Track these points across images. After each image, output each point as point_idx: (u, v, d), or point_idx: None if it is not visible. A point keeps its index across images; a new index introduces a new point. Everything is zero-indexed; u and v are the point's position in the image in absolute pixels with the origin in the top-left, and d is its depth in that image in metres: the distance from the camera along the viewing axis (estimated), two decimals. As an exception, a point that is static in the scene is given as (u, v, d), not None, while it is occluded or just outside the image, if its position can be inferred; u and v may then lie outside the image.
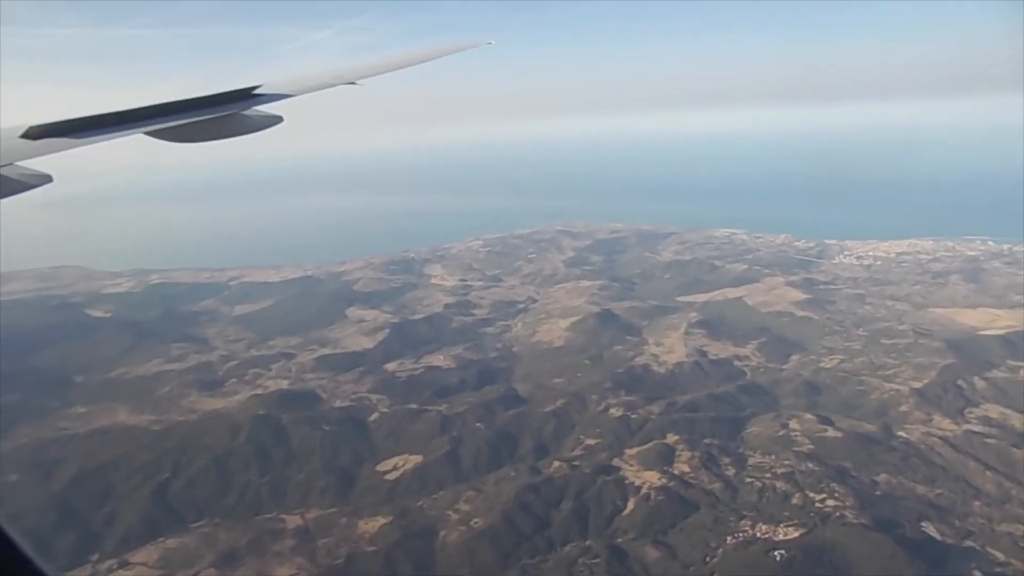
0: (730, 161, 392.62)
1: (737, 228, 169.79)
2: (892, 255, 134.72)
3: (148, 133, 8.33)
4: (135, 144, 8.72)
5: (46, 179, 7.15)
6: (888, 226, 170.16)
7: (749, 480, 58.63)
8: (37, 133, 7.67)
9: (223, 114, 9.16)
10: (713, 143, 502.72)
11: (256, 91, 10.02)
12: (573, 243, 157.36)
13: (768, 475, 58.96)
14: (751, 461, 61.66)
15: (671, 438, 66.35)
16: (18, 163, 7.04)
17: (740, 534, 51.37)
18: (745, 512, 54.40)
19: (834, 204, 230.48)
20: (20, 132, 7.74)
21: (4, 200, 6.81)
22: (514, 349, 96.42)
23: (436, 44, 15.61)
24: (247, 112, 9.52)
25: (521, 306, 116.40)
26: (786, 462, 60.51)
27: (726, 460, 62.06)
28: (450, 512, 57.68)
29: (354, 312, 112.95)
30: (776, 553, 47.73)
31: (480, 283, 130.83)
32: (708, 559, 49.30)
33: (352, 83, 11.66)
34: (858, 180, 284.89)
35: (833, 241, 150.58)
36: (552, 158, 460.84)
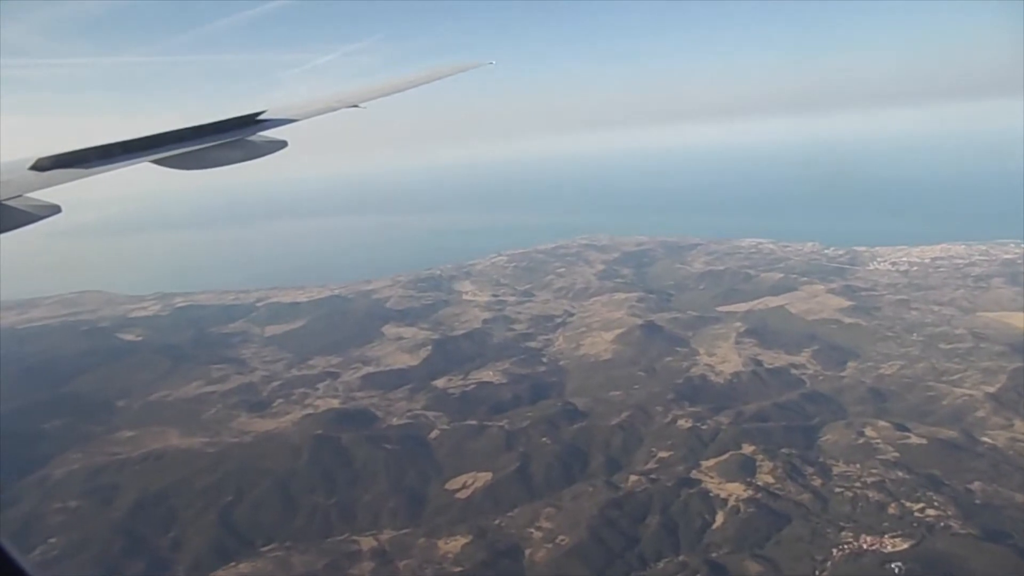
0: (743, 172, 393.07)
1: (761, 238, 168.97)
2: (927, 260, 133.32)
3: (155, 161, 8.37)
4: (141, 172, 8.62)
5: (55, 210, 7.22)
6: (911, 231, 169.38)
7: (839, 490, 56.72)
8: (46, 165, 7.68)
9: (229, 140, 9.21)
10: (724, 155, 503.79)
11: (261, 117, 10.02)
12: (601, 256, 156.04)
13: (858, 484, 57.06)
14: (836, 470, 59.78)
15: (747, 448, 64.48)
16: (27, 195, 7.10)
17: (845, 546, 49.38)
18: (842, 523, 52.44)
19: (853, 211, 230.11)
20: (29, 164, 7.76)
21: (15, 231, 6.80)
22: (561, 363, 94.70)
23: (438, 66, 15.71)
24: (252, 138, 9.56)
25: (559, 320, 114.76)
26: (873, 471, 58.63)
27: (809, 470, 60.16)
28: (531, 530, 55.67)
29: (391, 329, 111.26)
30: (894, 565, 45.70)
31: (513, 298, 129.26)
32: (818, 572, 47.26)
33: (356, 106, 11.73)
34: (872, 186, 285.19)
35: (862, 248, 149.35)
36: (565, 174, 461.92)
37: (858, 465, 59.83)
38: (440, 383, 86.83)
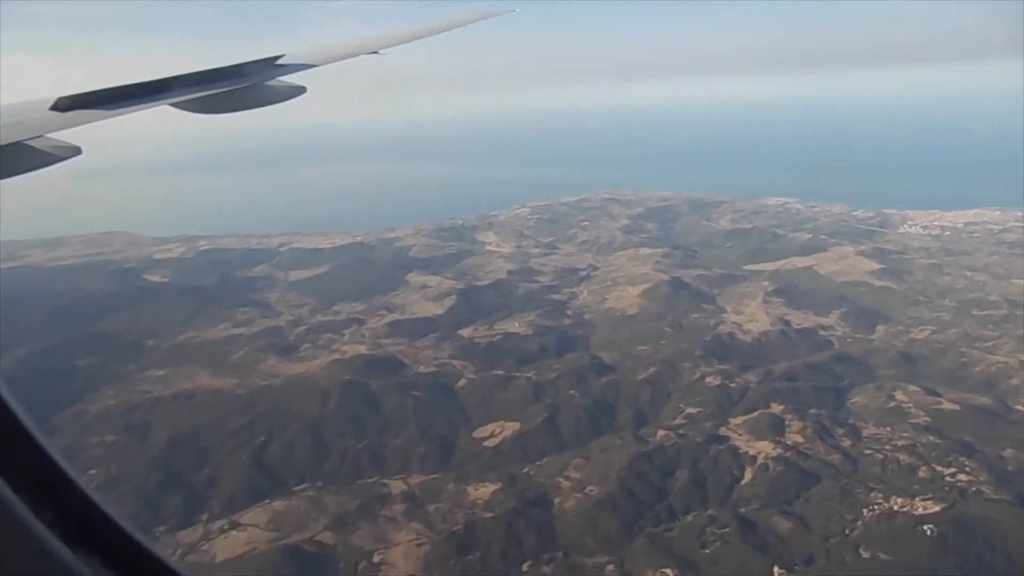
0: (769, 129, 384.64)
1: (789, 197, 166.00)
2: (959, 225, 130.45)
3: (173, 104, 8.30)
4: (159, 115, 8.45)
5: (75, 151, 7.19)
6: (943, 195, 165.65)
7: (869, 452, 56.66)
8: (66, 105, 7.54)
9: (247, 85, 9.06)
10: (750, 111, 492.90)
11: (279, 61, 9.88)
12: (625, 211, 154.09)
13: (888, 447, 56.92)
14: (866, 432, 59.63)
15: (776, 408, 64.41)
16: (48, 135, 7.00)
17: (875, 507, 49.49)
18: (872, 485, 52.50)
19: (881, 172, 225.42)
20: (49, 104, 7.60)
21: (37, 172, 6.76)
22: (586, 316, 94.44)
23: (460, 12, 15.44)
24: (270, 82, 9.42)
25: (583, 273, 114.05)
26: (904, 434, 58.40)
27: (839, 431, 60.05)
28: (560, 479, 56.26)
29: (415, 278, 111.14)
30: (926, 528, 45.77)
31: (537, 250, 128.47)
32: (847, 531, 47.50)
33: (375, 52, 11.52)
34: (902, 147, 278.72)
35: (893, 211, 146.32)
36: (588, 126, 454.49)
37: (889, 428, 59.60)
38: (466, 332, 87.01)
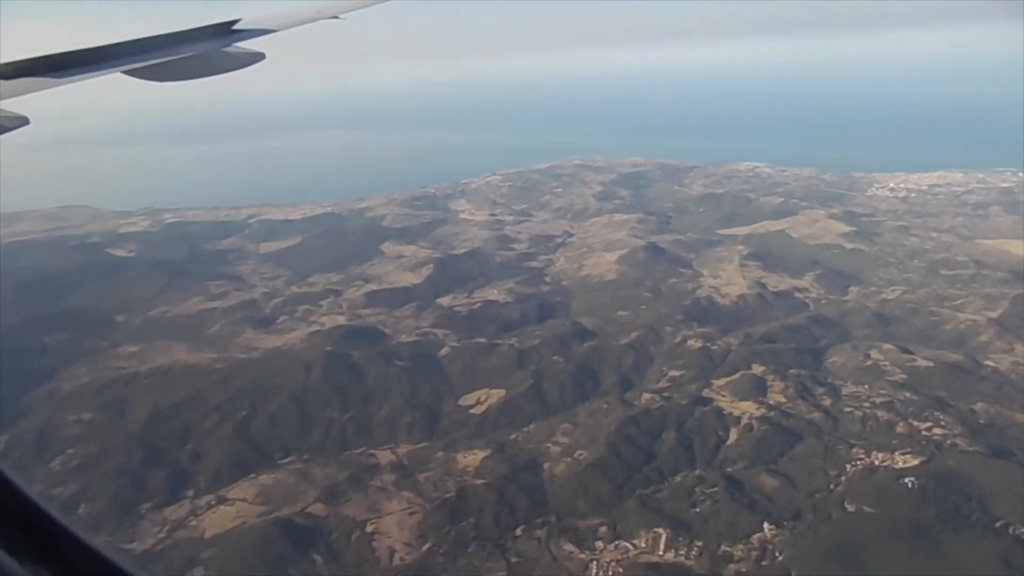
0: (737, 95, 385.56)
1: (758, 162, 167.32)
2: (924, 187, 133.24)
3: (126, 72, 7.92)
4: (111, 83, 8.25)
5: (23, 121, 6.81)
6: (907, 158, 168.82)
7: (848, 409, 58.09)
8: (10, 72, 7.11)
9: (203, 51, 8.75)
10: (718, 78, 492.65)
11: (236, 26, 9.52)
12: (597, 177, 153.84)
13: (867, 404, 58.40)
14: (845, 391, 61.10)
15: (757, 369, 65.53)
16: None
17: (857, 462, 50.90)
18: (853, 441, 53.89)
19: (848, 137, 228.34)
20: None
21: None
22: (564, 283, 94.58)
23: None
24: (228, 49, 9.12)
25: (559, 240, 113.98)
26: (882, 391, 59.97)
27: (819, 390, 61.39)
28: (548, 445, 56.66)
29: (390, 247, 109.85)
30: (907, 480, 47.22)
31: (511, 217, 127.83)
32: (832, 487, 48.80)
33: (336, 17, 11.32)
34: (867, 112, 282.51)
35: (860, 174, 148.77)
36: (556, 93, 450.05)
37: (866, 386, 61.11)
38: (445, 301, 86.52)
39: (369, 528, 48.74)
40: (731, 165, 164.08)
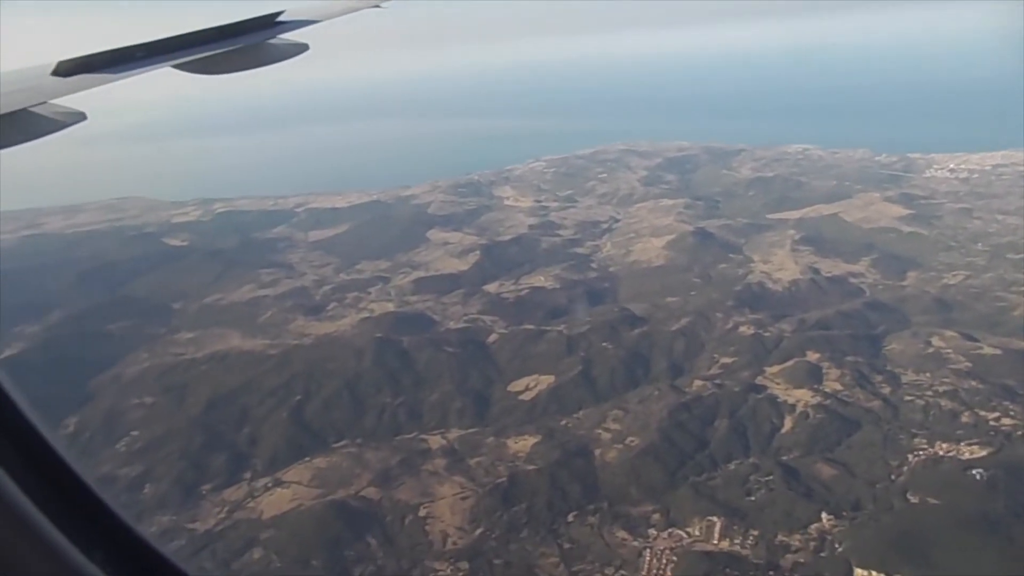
0: (783, 76, 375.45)
1: (808, 144, 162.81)
2: (987, 167, 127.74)
3: (176, 66, 8.16)
4: (160, 77, 8.27)
5: (80, 116, 7.09)
6: (967, 137, 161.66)
7: (909, 398, 56.38)
8: (67, 69, 7.38)
9: (248, 44, 8.94)
10: (762, 57, 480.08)
11: (280, 18, 9.67)
12: (642, 162, 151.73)
13: (929, 393, 56.60)
14: (905, 379, 59.30)
15: (812, 356, 64.07)
16: (51, 101, 6.89)
17: (920, 452, 49.41)
18: (915, 430, 52.35)
19: (901, 116, 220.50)
20: (51, 69, 7.45)
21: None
22: (611, 269, 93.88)
23: None
24: (273, 41, 9.28)
25: (605, 226, 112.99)
26: (945, 380, 58.03)
27: (878, 378, 59.73)
28: (599, 431, 56.48)
29: (436, 235, 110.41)
30: (975, 472, 45.63)
31: (556, 204, 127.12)
32: (894, 477, 47.49)
33: (377, 6, 11.37)
34: (920, 90, 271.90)
35: (916, 155, 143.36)
36: (598, 77, 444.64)
37: (928, 374, 59.20)
38: (492, 288, 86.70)
39: (422, 512, 49.34)
40: (780, 148, 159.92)
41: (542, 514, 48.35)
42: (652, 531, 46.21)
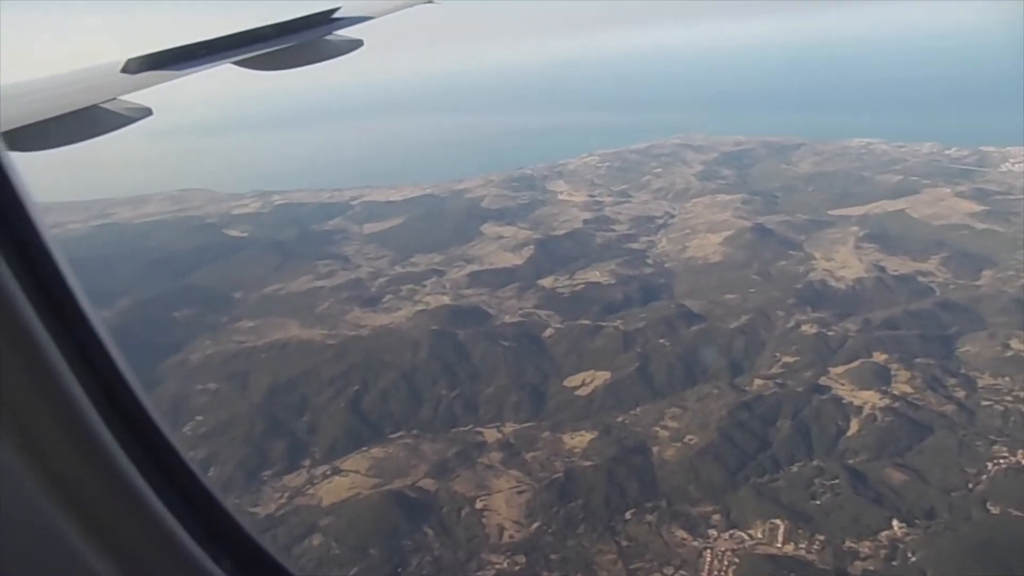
0: (843, 66, 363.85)
1: (871, 137, 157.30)
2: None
3: (236, 63, 8.31)
4: (219, 74, 8.51)
5: (146, 112, 7.29)
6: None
7: (986, 403, 53.95)
8: (135, 67, 7.68)
9: (305, 41, 9.07)
10: (819, 48, 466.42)
11: (335, 15, 9.79)
12: (698, 157, 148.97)
13: (1009, 398, 54.06)
14: (981, 382, 56.75)
15: (879, 356, 61.83)
16: (120, 97, 7.13)
17: (1000, 460, 47.20)
18: (993, 437, 50.02)
19: (972, 107, 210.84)
20: (120, 67, 7.74)
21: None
22: (667, 265, 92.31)
23: None
24: (328, 37, 9.41)
25: (660, 221, 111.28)
26: (1026, 384, 55.21)
27: (951, 381, 57.31)
28: (657, 428, 55.65)
29: (489, 229, 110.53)
30: (1064, 482, 43.38)
31: (610, 198, 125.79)
32: (971, 485, 45.45)
33: (430, 1, 11.46)
34: (990, 79, 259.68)
35: (991, 148, 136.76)
36: (650, 70, 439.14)
37: (1007, 378, 56.50)
38: (546, 282, 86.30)
39: (478, 505, 49.43)
40: (841, 142, 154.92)
41: (599, 511, 47.91)
42: (712, 531, 45.30)
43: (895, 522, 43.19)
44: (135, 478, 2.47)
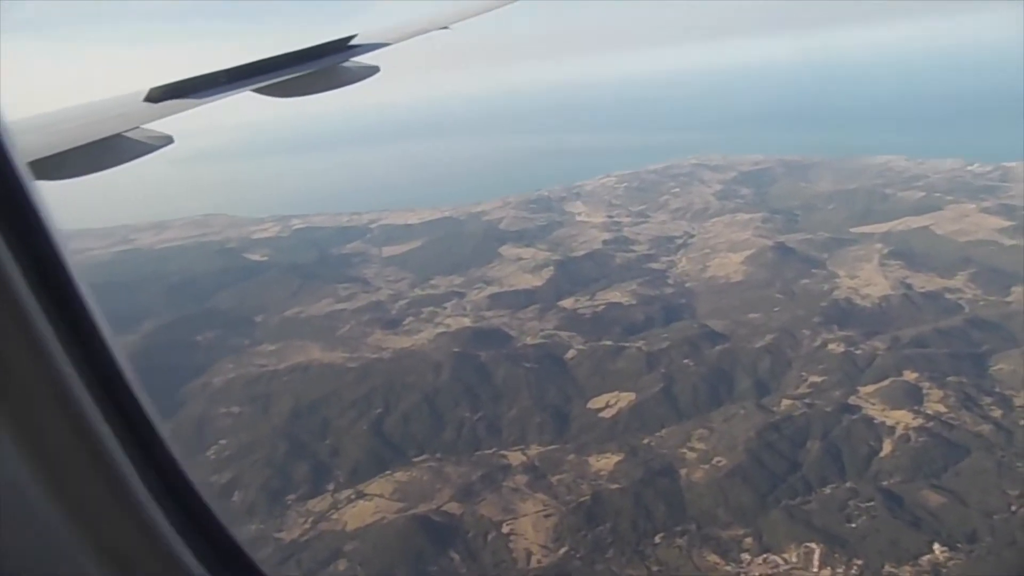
0: (859, 84, 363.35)
1: (891, 154, 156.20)
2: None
3: (255, 90, 8.42)
4: (238, 101, 8.60)
5: (168, 140, 7.53)
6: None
7: (1024, 422, 52.45)
8: (158, 95, 7.78)
9: (323, 68, 9.18)
10: (834, 67, 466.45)
11: (352, 42, 9.94)
12: (716, 176, 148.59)
13: (1047, 417, 52.53)
14: (1018, 401, 55.29)
15: (909, 375, 60.64)
16: (143, 126, 7.26)
17: (1042, 480, 45.74)
18: (1032, 457, 48.56)
19: (993, 123, 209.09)
20: (143, 96, 7.86)
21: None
22: (688, 284, 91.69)
23: None
24: (346, 64, 9.54)
25: (680, 241, 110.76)
26: (1064, 402, 53.80)
27: (986, 400, 55.95)
28: (684, 450, 54.76)
29: (508, 250, 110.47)
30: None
31: (628, 219, 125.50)
32: (1013, 508, 44.10)
33: (445, 28, 11.56)
34: (1008, 95, 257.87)
35: (1015, 163, 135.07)
36: (663, 91, 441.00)
37: (1045, 396, 55.06)
38: (567, 303, 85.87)
39: (505, 529, 48.70)
40: (861, 159, 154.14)
41: (628, 534, 47.01)
42: (745, 556, 44.27)
43: (936, 546, 41.94)
44: (133, 481, 2.49)
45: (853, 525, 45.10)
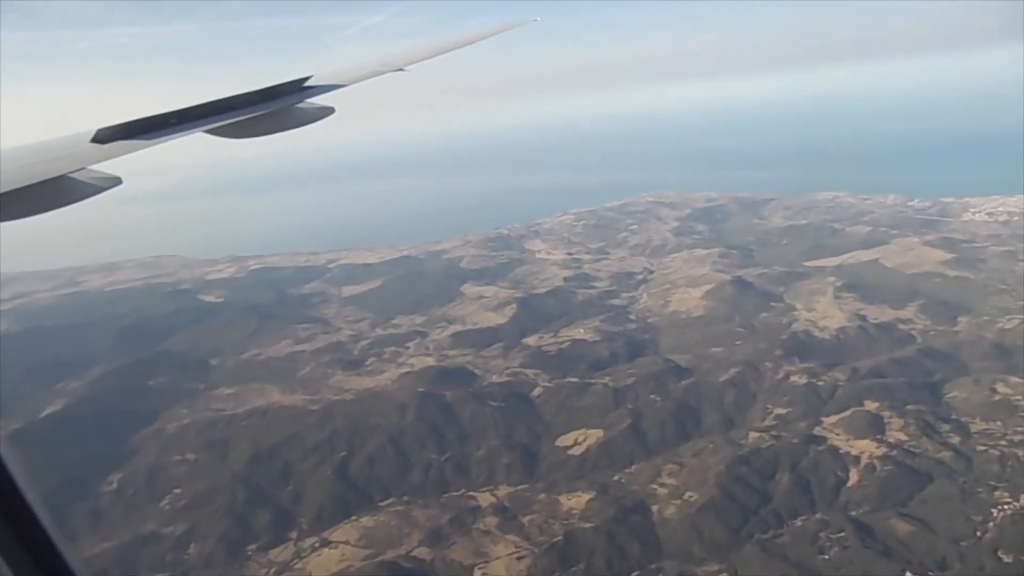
0: (805, 125, 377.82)
1: (837, 191, 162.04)
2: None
3: (208, 131, 8.46)
4: (192, 142, 8.58)
5: (116, 181, 7.38)
6: (998, 180, 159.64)
7: (982, 448, 53.87)
8: (105, 136, 7.71)
9: (277, 108, 9.18)
10: (780, 108, 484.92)
11: (307, 83, 9.98)
12: (672, 213, 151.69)
13: (1003, 443, 54.09)
14: (974, 428, 56.78)
15: (870, 405, 61.81)
16: (90, 167, 7.18)
17: (1004, 506, 46.76)
18: (993, 483, 49.70)
19: (929, 162, 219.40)
20: (90, 136, 7.80)
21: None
22: (650, 320, 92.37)
23: (483, 26, 15.97)
24: (300, 105, 9.54)
25: (640, 277, 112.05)
26: (1019, 428, 55.48)
27: (944, 427, 57.26)
28: (655, 486, 54.41)
29: (470, 288, 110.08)
30: (1070, 526, 42.96)
31: (588, 256, 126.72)
32: (979, 533, 44.78)
33: (400, 69, 11.68)
34: (946, 136, 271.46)
35: (951, 199, 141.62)
36: (618, 131, 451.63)
37: (999, 422, 56.69)
38: (531, 341, 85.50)
39: (477, 573, 47.46)
40: (809, 195, 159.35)
41: (602, 574, 46.16)
42: (721, 593, 43.75)
43: (908, 574, 42.17)
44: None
45: (826, 556, 45.17)
